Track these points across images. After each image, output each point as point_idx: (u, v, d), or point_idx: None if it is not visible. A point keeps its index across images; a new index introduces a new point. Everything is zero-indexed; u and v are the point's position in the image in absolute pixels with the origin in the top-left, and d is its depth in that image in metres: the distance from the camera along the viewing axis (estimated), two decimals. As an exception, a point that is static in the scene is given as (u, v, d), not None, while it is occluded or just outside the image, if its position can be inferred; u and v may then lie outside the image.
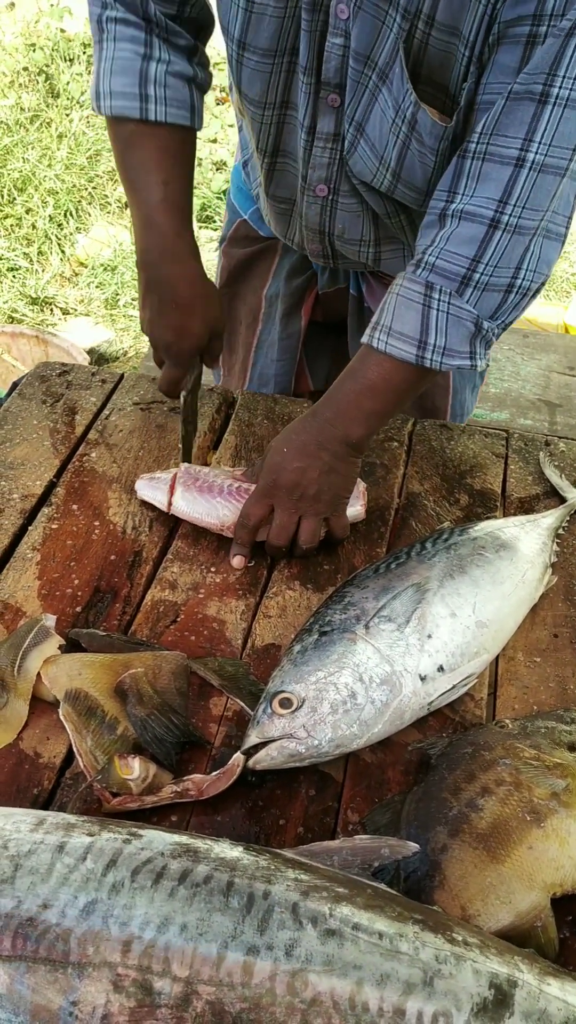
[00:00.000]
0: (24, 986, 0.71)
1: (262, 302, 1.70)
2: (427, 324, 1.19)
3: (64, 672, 1.07)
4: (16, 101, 4.65)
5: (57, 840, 0.80)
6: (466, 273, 1.16)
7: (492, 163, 1.12)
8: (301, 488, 1.25)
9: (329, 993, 0.71)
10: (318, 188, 1.37)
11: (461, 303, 1.18)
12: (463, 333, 1.20)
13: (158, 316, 1.37)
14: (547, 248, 1.18)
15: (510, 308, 1.21)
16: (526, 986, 0.76)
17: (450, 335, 1.19)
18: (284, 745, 0.99)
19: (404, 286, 1.21)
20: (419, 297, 1.19)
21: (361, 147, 1.26)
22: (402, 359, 1.21)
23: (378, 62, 1.16)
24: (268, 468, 1.27)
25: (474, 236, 1.15)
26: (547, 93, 1.07)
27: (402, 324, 1.20)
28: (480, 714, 1.12)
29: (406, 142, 1.21)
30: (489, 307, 1.19)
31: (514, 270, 1.17)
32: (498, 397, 2.63)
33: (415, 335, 1.20)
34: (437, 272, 1.17)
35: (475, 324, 1.19)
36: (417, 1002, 0.72)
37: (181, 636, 1.19)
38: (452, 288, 1.17)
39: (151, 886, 0.76)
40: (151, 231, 1.34)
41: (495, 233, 1.14)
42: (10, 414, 1.54)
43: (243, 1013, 0.70)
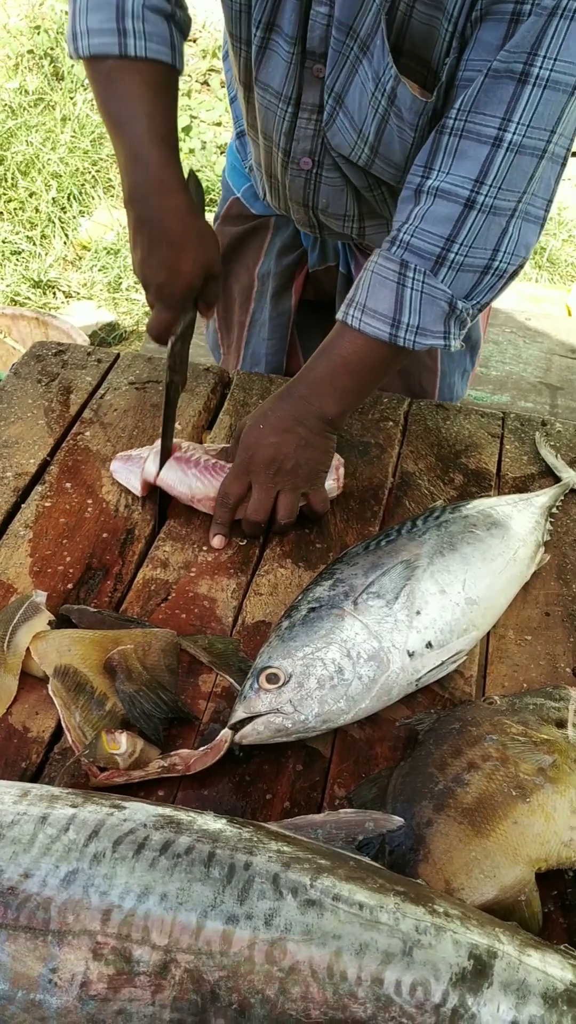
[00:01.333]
0: (4, 953, 0.72)
1: (255, 280, 1.69)
2: (401, 303, 1.19)
3: (54, 648, 1.07)
4: (20, 84, 4.63)
5: (40, 811, 0.80)
6: (441, 252, 1.16)
7: (469, 140, 1.11)
8: (278, 462, 1.25)
9: (307, 962, 0.72)
10: (302, 161, 1.37)
11: (435, 283, 1.18)
12: (437, 312, 1.19)
13: (148, 255, 1.27)
14: (526, 230, 1.18)
15: (486, 289, 1.20)
16: (506, 957, 0.76)
17: (424, 314, 1.19)
18: (271, 720, 0.99)
19: (379, 263, 1.20)
20: (393, 275, 1.19)
21: (340, 119, 1.25)
22: (375, 337, 1.21)
23: (360, 33, 1.15)
24: (244, 445, 1.27)
25: (449, 215, 1.14)
26: (527, 72, 1.06)
27: (376, 302, 1.20)
28: (469, 691, 1.12)
29: (385, 116, 1.21)
30: (464, 287, 1.19)
31: (491, 251, 1.17)
32: (499, 380, 2.62)
33: (389, 313, 1.19)
34: (412, 251, 1.17)
35: (449, 304, 1.19)
36: (395, 971, 0.72)
37: (172, 614, 1.19)
38: (427, 267, 1.17)
39: (132, 856, 0.76)
40: (138, 164, 1.25)
41: (470, 213, 1.13)
42: (5, 393, 1.54)
43: (221, 981, 0.71)
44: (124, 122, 1.25)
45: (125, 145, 1.26)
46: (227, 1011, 0.70)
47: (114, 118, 1.26)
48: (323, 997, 0.71)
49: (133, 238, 1.29)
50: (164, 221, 1.25)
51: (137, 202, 1.26)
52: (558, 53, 1.05)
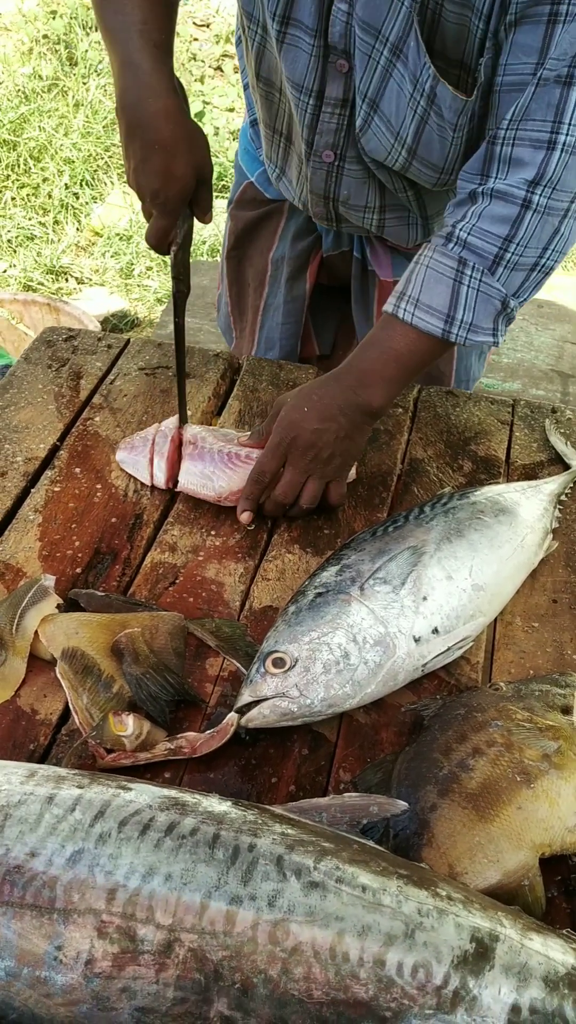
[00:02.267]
0: (10, 931, 0.72)
1: (268, 265, 1.69)
2: (456, 299, 1.20)
3: (61, 631, 1.08)
4: (34, 69, 4.62)
5: (47, 792, 0.81)
6: (498, 252, 1.17)
7: (523, 147, 1.13)
8: (316, 449, 1.25)
9: (310, 943, 0.72)
10: (324, 154, 1.36)
11: (492, 281, 1.19)
12: (490, 310, 1.21)
13: (142, 162, 1.24)
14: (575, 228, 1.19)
15: (532, 285, 1.22)
16: (508, 940, 0.76)
17: (478, 311, 1.20)
18: (277, 704, 1.00)
19: (435, 259, 1.20)
20: (451, 272, 1.19)
21: (375, 124, 1.25)
22: (428, 332, 1.21)
23: (390, 37, 1.15)
24: (287, 424, 1.26)
25: (507, 216, 1.16)
26: (572, 75, 1.07)
27: (431, 297, 1.20)
28: (476, 677, 1.12)
29: (424, 117, 1.21)
30: (515, 285, 1.20)
31: (542, 250, 1.18)
32: (510, 367, 2.61)
33: (444, 309, 1.20)
34: (470, 249, 1.18)
35: (503, 302, 1.21)
36: (397, 953, 0.73)
37: (180, 598, 1.19)
38: (485, 266, 1.18)
39: (137, 837, 0.77)
40: (128, 70, 1.23)
41: (527, 214, 1.15)
42: (15, 378, 1.55)
43: (224, 961, 0.71)
44: (117, 30, 1.24)
45: (118, 53, 1.24)
46: (230, 990, 0.71)
47: (109, 28, 1.25)
48: (325, 978, 0.71)
49: (125, 147, 1.26)
50: (156, 126, 1.22)
51: (128, 108, 1.23)
52: None
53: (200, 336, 2.80)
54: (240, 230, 1.72)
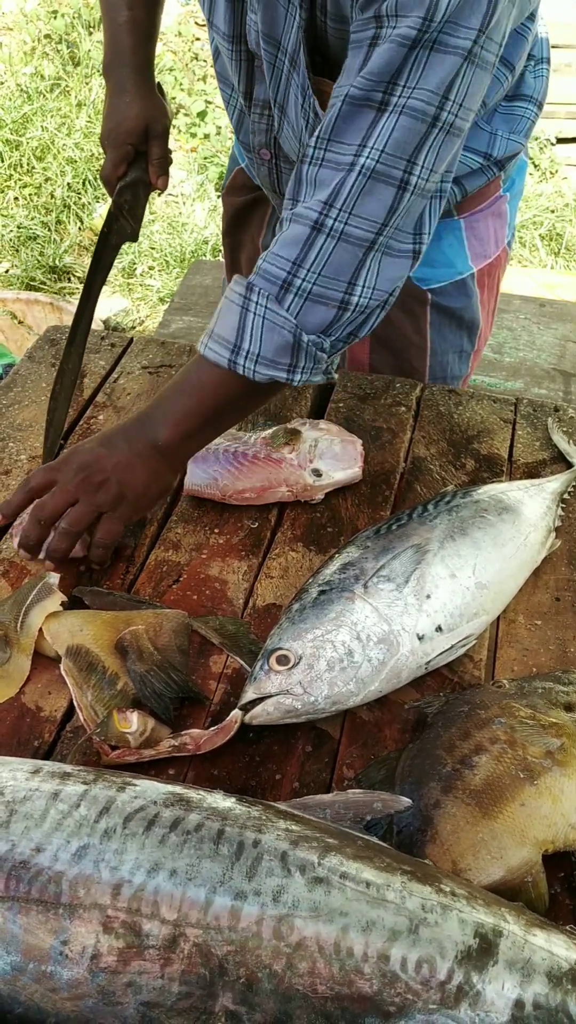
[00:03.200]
0: (16, 926, 0.73)
1: (259, 251, 1.70)
2: (243, 328, 1.12)
3: (66, 628, 1.08)
4: (36, 69, 4.63)
5: (52, 787, 0.81)
6: (287, 277, 1.10)
7: (327, 168, 1.07)
8: (88, 471, 1.15)
9: (314, 938, 0.73)
10: (261, 152, 1.39)
11: (279, 309, 1.11)
12: (279, 342, 1.12)
13: (108, 113, 1.52)
14: (387, 264, 1.11)
15: (346, 324, 1.13)
16: (511, 936, 0.77)
17: (264, 342, 1.12)
18: (280, 701, 1.00)
19: (232, 288, 1.15)
20: (239, 299, 1.13)
21: (285, 127, 1.27)
22: (215, 362, 1.15)
23: (288, 48, 1.16)
24: (72, 448, 1.21)
25: (297, 238, 1.09)
26: (386, 101, 1.02)
27: (222, 327, 1.14)
28: (479, 675, 1.12)
29: (314, 126, 1.21)
30: (316, 320, 1.12)
31: (347, 284, 1.10)
32: (512, 367, 2.62)
33: (231, 339, 1.13)
34: (260, 274, 1.12)
35: (293, 335, 1.12)
36: (401, 948, 0.73)
37: (183, 595, 1.20)
38: (271, 292, 1.11)
39: (142, 833, 0.77)
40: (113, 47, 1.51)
41: (318, 236, 1.08)
42: (19, 377, 1.55)
43: (229, 956, 0.72)
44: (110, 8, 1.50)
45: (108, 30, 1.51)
46: (235, 985, 0.71)
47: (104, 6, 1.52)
48: (329, 973, 0.72)
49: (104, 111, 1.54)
50: (124, 85, 1.50)
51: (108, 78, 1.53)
52: (417, 82, 1.01)
53: (203, 335, 2.80)
54: (231, 216, 1.75)
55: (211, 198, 4.12)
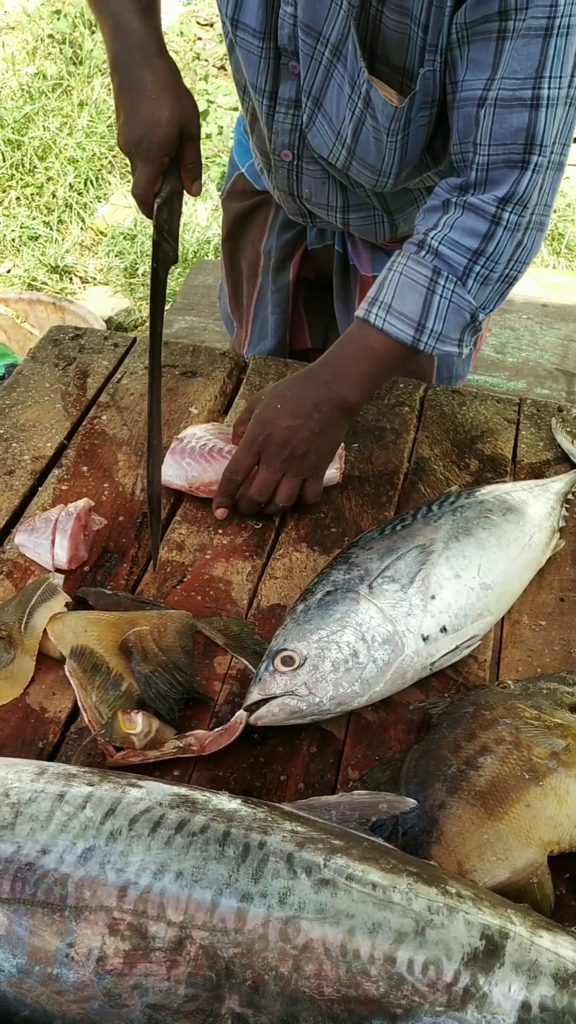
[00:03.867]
0: (22, 928, 0.73)
1: (260, 256, 1.71)
2: (428, 308, 1.21)
3: (70, 629, 1.08)
4: (39, 69, 4.62)
5: (57, 789, 0.81)
6: (468, 264, 1.19)
7: (498, 169, 1.15)
8: (290, 447, 1.25)
9: (321, 940, 0.73)
10: (283, 153, 1.38)
11: (464, 293, 1.21)
12: (459, 322, 1.23)
13: (130, 114, 1.27)
14: (536, 239, 1.22)
15: (497, 296, 1.24)
16: (518, 938, 0.76)
17: (448, 322, 1.22)
18: (286, 702, 1.00)
19: (409, 266, 1.21)
20: (424, 280, 1.20)
21: (319, 122, 1.27)
22: (398, 338, 1.22)
23: (330, 38, 1.17)
24: (260, 420, 1.26)
25: (477, 230, 1.18)
26: (537, 96, 1.09)
27: (403, 304, 1.22)
28: (483, 676, 1.12)
29: (361, 119, 1.22)
30: (483, 297, 1.23)
31: (508, 262, 1.20)
32: (515, 367, 2.61)
33: (415, 317, 1.21)
34: (442, 259, 1.20)
35: (472, 314, 1.23)
36: (408, 950, 0.73)
37: (187, 596, 1.19)
38: (457, 276, 1.20)
39: (148, 834, 0.77)
40: (119, 34, 1.29)
41: (497, 230, 1.17)
42: (23, 377, 1.55)
43: (236, 958, 0.72)
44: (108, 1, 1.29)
45: (108, 19, 1.29)
46: (241, 987, 0.71)
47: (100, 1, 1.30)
48: (336, 975, 0.72)
49: (116, 106, 1.29)
50: (143, 80, 1.26)
51: (119, 68, 1.28)
52: (561, 70, 1.08)
53: (205, 335, 2.80)
54: (232, 221, 1.74)
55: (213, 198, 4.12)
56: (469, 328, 1.25)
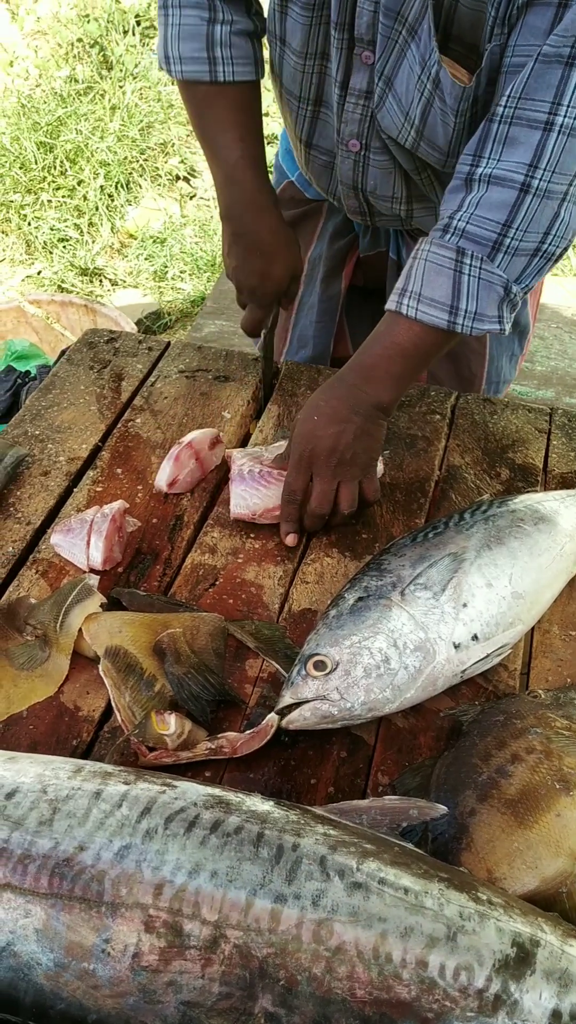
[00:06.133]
0: (60, 923, 0.74)
1: (305, 264, 1.71)
2: (459, 289, 1.20)
3: (105, 629, 1.10)
4: (71, 73, 4.66)
5: (94, 787, 0.82)
6: (497, 238, 1.17)
7: (520, 127, 1.12)
8: (338, 453, 1.26)
9: (354, 943, 0.73)
10: (350, 143, 1.39)
11: (492, 268, 1.19)
12: (493, 298, 1.21)
13: (243, 263, 1.45)
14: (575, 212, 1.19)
15: (534, 272, 1.22)
16: (548, 946, 0.77)
17: (481, 300, 1.20)
18: (317, 706, 1.01)
19: (432, 251, 1.21)
20: (450, 263, 1.19)
21: (389, 101, 1.28)
22: (433, 325, 1.22)
23: (408, 18, 1.17)
24: (302, 437, 1.27)
25: (505, 201, 1.15)
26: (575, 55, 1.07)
27: (432, 290, 1.21)
28: (513, 684, 1.12)
29: (430, 100, 1.23)
30: (516, 271, 1.20)
31: (543, 235, 1.18)
32: (544, 375, 2.61)
33: (446, 301, 1.20)
34: (468, 237, 1.18)
35: (505, 288, 1.20)
36: (440, 955, 0.74)
37: (219, 599, 1.21)
38: (484, 253, 1.18)
39: (183, 834, 0.78)
40: (233, 187, 1.42)
41: (526, 198, 1.14)
42: (58, 379, 1.57)
43: (269, 958, 0.72)
44: (219, 147, 1.41)
45: (221, 167, 1.43)
46: (274, 987, 0.72)
47: (210, 142, 1.43)
48: (368, 978, 0.72)
49: (228, 248, 1.46)
50: (258, 236, 1.44)
51: (233, 219, 1.44)
52: None
53: (235, 339, 2.82)
54: None
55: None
56: (506, 303, 1.22)
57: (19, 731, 1.04)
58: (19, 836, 0.78)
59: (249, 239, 1.43)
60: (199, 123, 1.43)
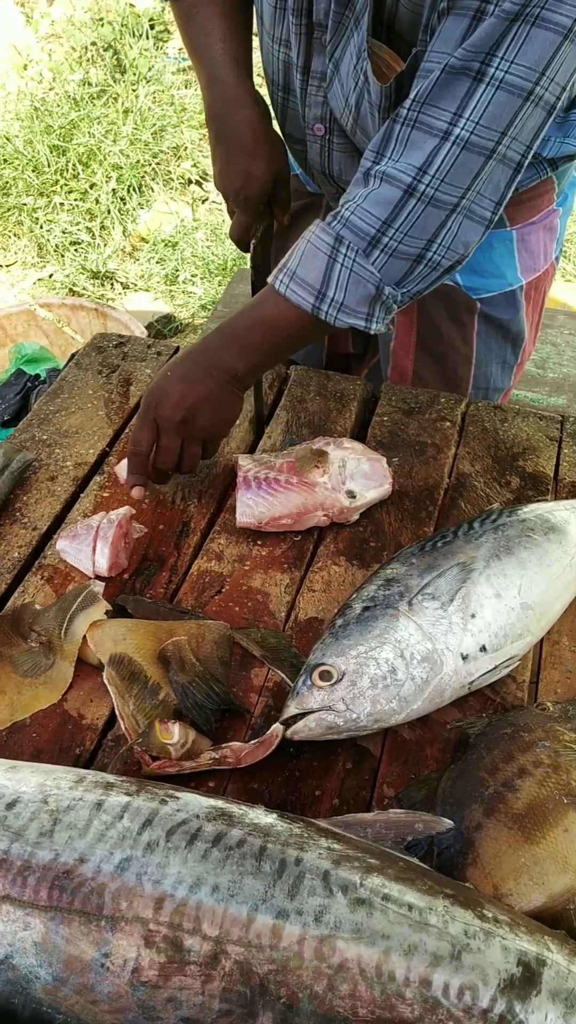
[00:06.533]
0: (59, 936, 0.73)
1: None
2: (329, 276, 1.20)
3: (109, 636, 1.09)
4: (84, 76, 4.67)
5: (96, 798, 0.81)
6: (375, 235, 1.17)
7: (420, 131, 1.13)
8: (183, 411, 1.25)
9: (356, 960, 0.72)
10: (315, 127, 1.40)
11: (366, 264, 1.18)
12: (362, 293, 1.20)
13: (226, 164, 1.41)
14: (466, 227, 1.18)
15: (418, 279, 1.21)
16: (555, 966, 0.76)
17: (349, 292, 1.20)
18: (323, 717, 1.00)
19: (316, 234, 1.21)
20: (327, 248, 1.19)
21: (335, 84, 1.29)
22: (298, 305, 1.22)
23: (356, 5, 1.18)
24: (153, 390, 1.27)
25: (389, 199, 1.15)
26: (483, 72, 1.07)
27: (306, 271, 1.21)
28: (521, 696, 1.11)
29: (362, 91, 1.24)
30: (394, 274, 1.19)
31: (427, 242, 1.17)
32: (556, 382, 2.59)
33: (316, 285, 1.20)
34: (349, 227, 1.18)
35: (376, 287, 1.19)
36: (444, 974, 0.72)
37: (225, 606, 1.20)
38: (360, 246, 1.18)
39: (185, 847, 0.77)
40: (215, 85, 1.40)
41: (409, 200, 1.14)
42: (66, 383, 1.56)
43: (270, 975, 0.71)
44: (203, 48, 1.40)
45: (204, 67, 1.40)
46: (275, 1004, 0.71)
47: (195, 46, 1.42)
48: (371, 996, 0.71)
49: (213, 152, 1.42)
50: (239, 133, 1.38)
51: (216, 118, 1.40)
52: (515, 56, 1.05)
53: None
54: None
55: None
56: (378, 303, 1.21)
57: (22, 738, 1.03)
58: (19, 847, 0.77)
59: (230, 137, 1.39)
60: (186, 32, 1.43)
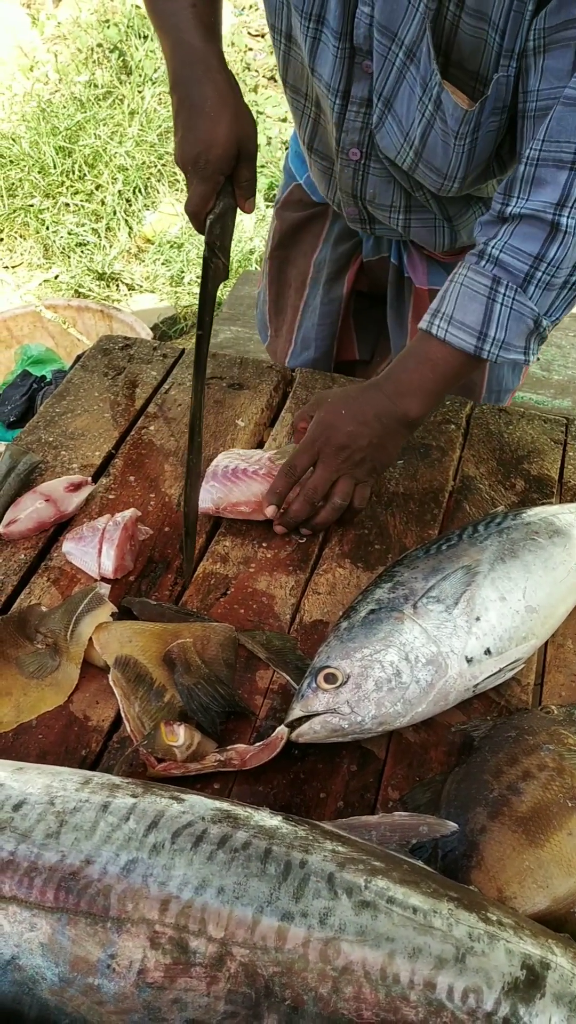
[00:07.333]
0: (65, 937, 0.73)
1: (311, 267, 1.72)
2: (490, 317, 1.21)
3: (115, 638, 1.09)
4: (90, 77, 4.68)
5: (102, 799, 0.82)
6: (529, 271, 1.19)
7: (547, 167, 1.14)
8: (349, 451, 1.27)
9: (361, 962, 0.72)
10: (351, 152, 1.39)
11: (524, 299, 1.20)
12: (523, 329, 1.22)
13: (187, 131, 1.27)
14: None
15: (563, 304, 1.23)
16: (559, 969, 0.76)
17: (511, 330, 1.22)
18: (327, 720, 1.00)
19: (469, 276, 1.22)
20: (484, 290, 1.21)
21: (388, 122, 1.28)
22: (460, 348, 1.23)
23: (404, 40, 1.17)
24: (322, 423, 1.28)
25: (537, 235, 1.17)
26: None
27: (464, 314, 1.22)
28: (526, 699, 1.11)
29: (431, 121, 1.23)
30: (547, 304, 1.22)
31: (572, 268, 1.19)
32: (561, 384, 2.59)
33: (476, 327, 1.22)
34: (502, 267, 1.19)
35: (535, 321, 1.22)
36: (448, 977, 0.73)
37: (230, 609, 1.20)
38: (517, 284, 1.19)
39: (191, 849, 0.78)
40: (180, 50, 1.28)
41: (557, 234, 1.16)
42: (72, 385, 1.57)
43: (275, 977, 0.72)
44: (168, 14, 1.30)
45: (169, 34, 1.29)
46: (280, 1006, 0.71)
47: (159, 12, 1.31)
48: (375, 998, 0.71)
49: (175, 121, 1.29)
50: (203, 96, 1.26)
51: (179, 84, 1.27)
52: None
53: (251, 345, 2.81)
54: (285, 231, 1.75)
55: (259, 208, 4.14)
56: (534, 335, 1.24)
57: (28, 740, 1.04)
58: (26, 848, 0.77)
59: (193, 101, 1.25)
60: (152, 7, 1.32)
